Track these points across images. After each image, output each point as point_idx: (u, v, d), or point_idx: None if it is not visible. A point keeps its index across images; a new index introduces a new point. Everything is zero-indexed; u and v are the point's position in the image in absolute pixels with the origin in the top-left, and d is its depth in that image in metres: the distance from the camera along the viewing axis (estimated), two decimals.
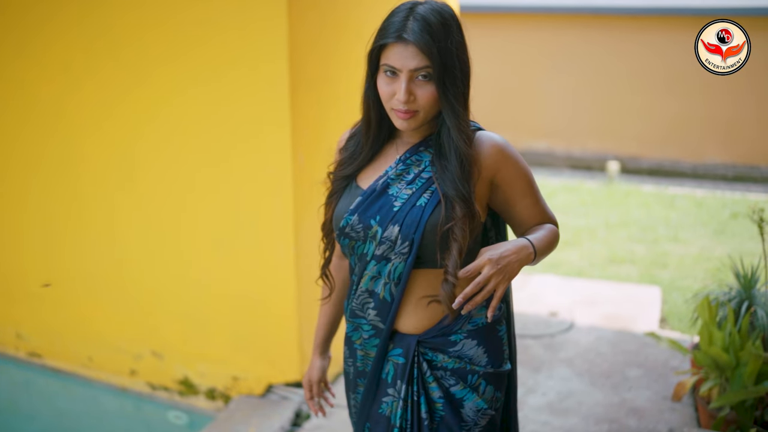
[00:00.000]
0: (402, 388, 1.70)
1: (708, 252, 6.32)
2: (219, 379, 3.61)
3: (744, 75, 10.16)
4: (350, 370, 1.86)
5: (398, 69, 1.60)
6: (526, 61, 10.60)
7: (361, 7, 3.62)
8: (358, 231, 1.70)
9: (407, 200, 1.65)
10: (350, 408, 1.93)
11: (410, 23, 1.58)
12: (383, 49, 1.63)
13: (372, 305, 1.72)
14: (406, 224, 1.63)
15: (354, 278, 1.77)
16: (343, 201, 1.74)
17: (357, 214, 1.69)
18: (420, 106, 1.61)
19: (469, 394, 1.70)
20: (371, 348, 1.76)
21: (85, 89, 3.59)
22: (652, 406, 3.49)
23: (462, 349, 1.70)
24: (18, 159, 3.89)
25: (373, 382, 1.76)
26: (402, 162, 1.70)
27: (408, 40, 1.57)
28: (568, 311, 4.66)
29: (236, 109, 3.28)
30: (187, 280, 3.59)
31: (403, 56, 1.58)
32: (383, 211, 1.66)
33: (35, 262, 4.00)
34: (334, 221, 1.75)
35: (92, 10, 3.48)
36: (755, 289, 3.37)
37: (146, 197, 3.59)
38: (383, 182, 1.69)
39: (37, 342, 4.11)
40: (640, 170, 10.56)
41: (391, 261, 1.66)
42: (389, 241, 1.65)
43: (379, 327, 1.72)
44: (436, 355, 1.70)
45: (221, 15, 3.23)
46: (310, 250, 3.40)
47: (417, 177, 1.67)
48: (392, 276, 1.66)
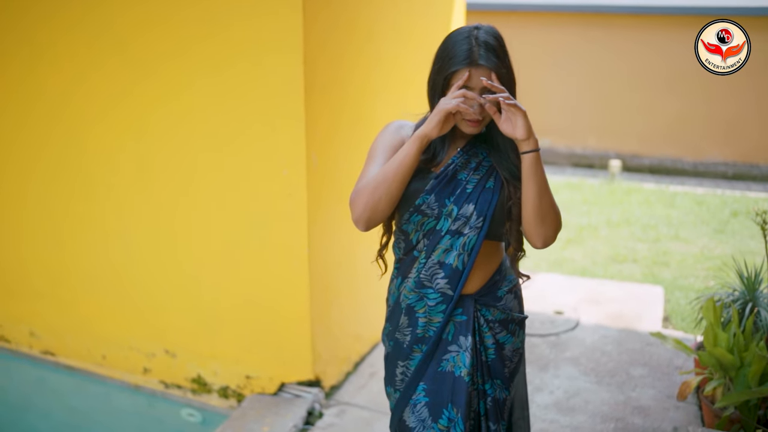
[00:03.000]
0: (468, 340, 2.02)
1: (709, 251, 6.38)
2: (232, 378, 3.67)
3: (744, 74, 10.21)
4: (405, 340, 2.09)
5: (472, 87, 1.89)
6: (529, 59, 10.64)
7: (370, 7, 3.67)
8: (433, 209, 1.97)
9: (477, 183, 1.98)
10: (395, 379, 2.13)
11: (476, 49, 1.87)
12: (458, 71, 1.88)
13: (442, 275, 2.00)
14: (480, 202, 1.96)
15: (417, 254, 2.03)
16: (414, 183, 1.98)
17: (434, 194, 1.97)
18: (485, 116, 1.93)
19: (509, 338, 2.09)
20: (436, 314, 2.03)
21: (90, 82, 3.63)
22: (657, 404, 3.56)
23: (506, 303, 2.08)
24: (24, 152, 3.94)
25: (435, 343, 2.04)
26: (465, 153, 2.01)
27: (481, 64, 1.87)
28: (573, 310, 4.73)
29: (249, 110, 3.32)
30: (199, 278, 3.65)
31: (476, 78, 1.87)
32: (457, 192, 1.97)
33: (47, 261, 4.05)
34: (407, 200, 1.99)
35: (98, 2, 3.51)
36: (758, 290, 3.44)
37: (157, 194, 3.63)
38: (453, 168, 1.99)
39: (50, 340, 4.17)
40: (641, 168, 10.63)
41: (465, 234, 1.97)
42: (464, 218, 1.96)
43: (447, 294, 2.01)
44: (489, 310, 2.06)
45: (229, 11, 3.26)
46: (324, 248, 3.47)
47: (479, 165, 2.00)
48: (466, 247, 1.97)
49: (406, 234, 2.05)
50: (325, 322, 3.57)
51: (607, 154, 10.78)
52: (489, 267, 2.06)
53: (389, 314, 2.17)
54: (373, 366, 3.91)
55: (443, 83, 1.92)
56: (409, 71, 4.08)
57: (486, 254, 2.03)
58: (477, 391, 2.06)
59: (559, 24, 10.99)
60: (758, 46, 4.01)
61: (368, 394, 3.65)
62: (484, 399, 2.07)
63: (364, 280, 3.83)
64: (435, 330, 2.04)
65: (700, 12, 9.80)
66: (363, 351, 4.01)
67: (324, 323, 3.56)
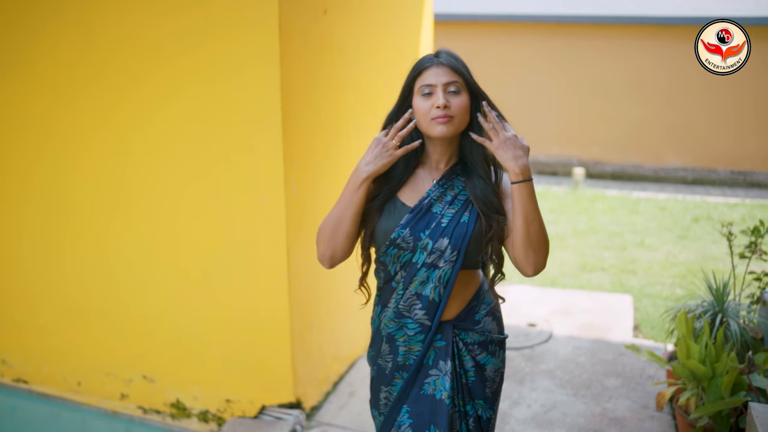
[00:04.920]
0: (448, 365, 2.07)
1: (674, 257, 6.54)
2: (212, 402, 3.66)
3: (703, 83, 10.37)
4: (387, 366, 2.14)
5: (433, 84, 1.97)
6: (492, 68, 10.78)
7: (339, 24, 3.68)
8: (408, 242, 2.01)
9: (452, 217, 2.01)
10: (379, 403, 2.19)
11: (439, 54, 2.02)
12: (418, 77, 2.00)
13: (420, 306, 2.04)
14: (455, 237, 1.99)
15: (395, 285, 2.08)
16: (387, 217, 2.04)
17: (408, 228, 2.01)
18: (454, 112, 1.97)
19: (490, 358, 2.14)
20: (416, 343, 2.08)
21: (72, 107, 3.59)
22: (632, 415, 3.64)
23: (484, 326, 2.12)
24: (9, 183, 3.88)
25: (417, 369, 2.09)
26: (440, 186, 2.05)
27: (441, 62, 1.99)
28: (545, 322, 4.80)
29: (229, 135, 3.33)
30: (179, 303, 3.63)
31: (437, 74, 1.98)
32: (432, 225, 2.00)
33: (22, 287, 3.99)
34: (383, 233, 2.04)
35: (75, 26, 3.48)
36: (726, 302, 3.54)
37: (136, 222, 3.61)
38: (428, 202, 2.03)
39: (23, 368, 4.10)
40: (603, 174, 10.83)
41: (440, 267, 2.00)
42: (439, 251, 1.99)
43: (425, 324, 2.06)
44: (467, 334, 2.10)
45: (207, 28, 3.27)
46: (303, 272, 3.48)
47: (455, 199, 2.04)
48: (441, 280, 2.01)
49: (384, 265, 2.10)
50: (304, 344, 3.58)
51: (570, 162, 10.96)
52: (466, 294, 2.10)
53: (372, 340, 2.22)
54: (352, 385, 3.93)
55: (408, 89, 2.03)
56: (379, 88, 4.10)
57: (462, 282, 2.07)
58: (459, 412, 2.11)
59: (522, 34, 11.15)
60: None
61: (349, 414, 3.67)
62: (466, 420, 2.12)
63: (341, 301, 3.85)
64: (415, 358, 2.09)
65: (662, 22, 10.04)
66: (341, 370, 4.02)
67: (303, 345, 3.57)
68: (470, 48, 10.91)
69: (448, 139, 2.04)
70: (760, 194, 9.81)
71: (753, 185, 10.35)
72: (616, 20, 10.53)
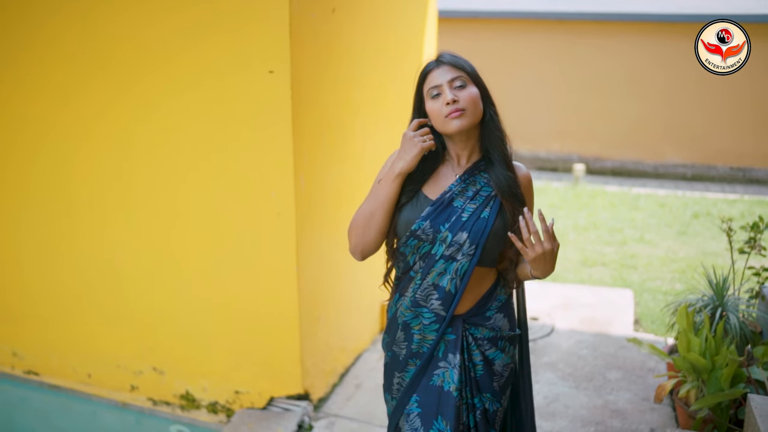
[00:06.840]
0: (456, 358, 2.14)
1: (673, 253, 6.60)
2: (221, 393, 3.72)
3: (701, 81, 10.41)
4: (401, 353, 2.22)
5: (439, 84, 2.05)
6: (494, 64, 10.83)
7: (346, 22, 3.73)
8: (428, 234, 2.08)
9: (473, 212, 2.08)
10: (392, 388, 2.27)
11: (439, 56, 2.10)
12: (425, 80, 2.08)
13: (436, 296, 2.11)
14: (474, 231, 2.06)
15: (414, 274, 2.14)
16: (410, 209, 2.11)
17: (429, 220, 2.08)
18: (464, 104, 2.03)
19: (499, 354, 2.19)
20: (430, 332, 2.15)
21: (74, 100, 3.63)
22: (633, 407, 3.71)
23: (494, 322, 2.18)
24: (11, 176, 3.94)
25: (428, 359, 2.16)
26: (462, 181, 2.12)
27: (442, 62, 2.07)
28: (547, 315, 4.87)
29: (236, 130, 3.38)
30: (187, 295, 3.69)
31: (441, 74, 2.06)
32: (452, 219, 2.07)
33: (31, 279, 4.05)
34: (404, 225, 2.11)
35: (80, 19, 3.52)
36: (726, 296, 3.61)
37: (143, 212, 3.66)
38: (449, 196, 2.10)
39: (34, 360, 4.17)
40: (603, 170, 10.89)
41: (458, 260, 2.07)
42: (458, 244, 2.06)
43: (441, 314, 2.13)
44: (477, 329, 2.17)
45: (215, 21, 3.33)
46: (311, 266, 3.54)
47: (477, 194, 2.11)
48: (459, 272, 2.08)
49: (403, 255, 2.16)
50: (312, 336, 3.64)
51: (570, 158, 11.02)
52: (480, 290, 2.17)
53: (387, 326, 2.30)
54: (358, 377, 4.00)
55: (419, 98, 2.11)
56: (385, 86, 4.16)
57: (478, 278, 2.14)
58: (466, 405, 2.18)
59: (523, 31, 11.20)
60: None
61: (355, 406, 3.74)
62: (473, 412, 2.19)
63: (348, 293, 3.92)
64: (428, 347, 2.16)
65: (661, 19, 10.09)
66: (348, 362, 4.09)
67: (312, 338, 3.63)
68: (471, 45, 10.98)
69: (466, 134, 2.10)
70: (758, 190, 9.89)
71: (752, 182, 10.43)
72: (616, 17, 10.58)
